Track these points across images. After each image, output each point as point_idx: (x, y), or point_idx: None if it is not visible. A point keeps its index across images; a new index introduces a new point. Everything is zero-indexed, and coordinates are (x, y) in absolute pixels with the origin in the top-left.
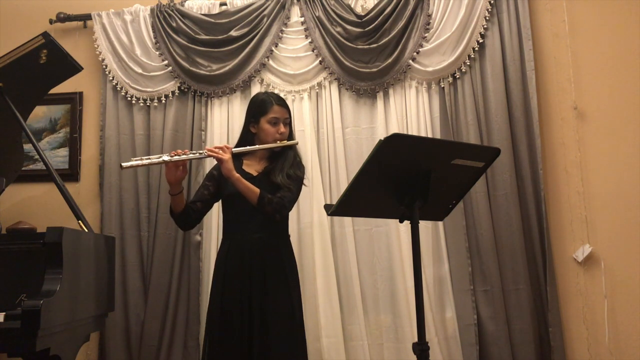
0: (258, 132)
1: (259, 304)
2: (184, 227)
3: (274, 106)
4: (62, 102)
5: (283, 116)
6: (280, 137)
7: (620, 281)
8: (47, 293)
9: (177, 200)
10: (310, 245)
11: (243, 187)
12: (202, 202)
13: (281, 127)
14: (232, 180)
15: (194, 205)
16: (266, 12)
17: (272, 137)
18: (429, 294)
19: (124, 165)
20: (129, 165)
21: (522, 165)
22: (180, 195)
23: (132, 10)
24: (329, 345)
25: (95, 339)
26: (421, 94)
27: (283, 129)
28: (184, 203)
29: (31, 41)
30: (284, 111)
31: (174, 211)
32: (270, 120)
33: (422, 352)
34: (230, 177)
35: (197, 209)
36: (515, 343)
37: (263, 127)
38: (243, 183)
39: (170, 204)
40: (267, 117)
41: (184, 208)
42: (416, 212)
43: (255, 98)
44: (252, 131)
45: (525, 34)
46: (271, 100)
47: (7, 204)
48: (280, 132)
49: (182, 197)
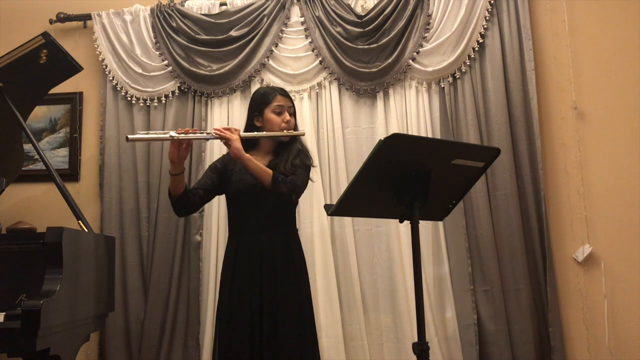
0: (263, 124)
1: (270, 301)
2: (181, 211)
3: (277, 95)
4: (62, 102)
5: (287, 104)
6: (286, 125)
7: (620, 281)
8: (47, 293)
9: (178, 181)
10: (310, 245)
11: (255, 166)
12: (204, 190)
13: (286, 115)
14: (243, 161)
15: (196, 192)
16: (266, 12)
17: (278, 126)
18: (429, 294)
19: (129, 137)
20: (134, 138)
21: (522, 165)
22: (181, 175)
23: (132, 10)
24: (329, 345)
25: (95, 339)
26: (421, 94)
27: (289, 117)
28: (184, 186)
29: (31, 41)
30: (287, 100)
31: (173, 193)
32: (275, 109)
33: (422, 352)
34: (240, 158)
35: (198, 195)
36: (515, 343)
37: (268, 118)
38: (254, 163)
39: (170, 185)
40: (272, 106)
41: (183, 191)
42: (416, 212)
43: (257, 92)
44: (257, 124)
45: (525, 34)
46: (273, 91)
47: (7, 204)
48: (286, 121)
49: (182, 179)
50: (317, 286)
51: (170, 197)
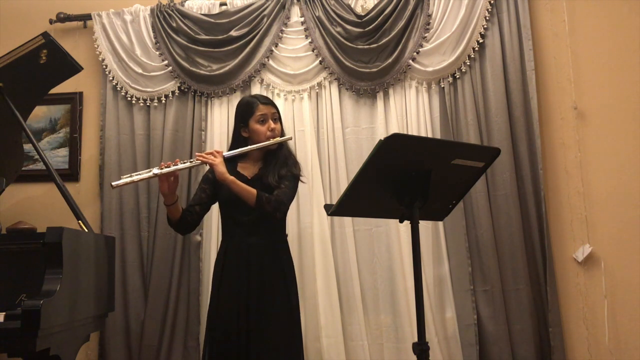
0: (250, 134)
1: (257, 305)
2: (184, 232)
3: (259, 105)
4: (62, 102)
5: (270, 111)
6: (271, 134)
7: (620, 281)
8: (47, 293)
9: (173, 210)
10: (310, 246)
11: (238, 189)
12: (200, 206)
13: (270, 123)
14: (227, 183)
15: (192, 209)
16: (266, 12)
17: (263, 135)
18: (429, 294)
19: (114, 184)
20: (120, 184)
21: (522, 165)
22: (176, 204)
23: (132, 10)
24: (329, 345)
25: (95, 339)
26: (421, 94)
27: (273, 124)
28: (180, 211)
29: (31, 41)
30: (270, 107)
31: (172, 220)
32: (258, 119)
33: (422, 352)
34: (224, 181)
35: (195, 212)
36: (515, 343)
37: (253, 128)
38: (238, 185)
39: (167, 214)
40: (255, 116)
41: (181, 215)
42: (416, 212)
43: (240, 103)
44: (244, 135)
45: (525, 34)
46: (255, 101)
47: (7, 204)
48: (270, 129)
49: (177, 206)
50: (317, 286)
51: (170, 224)
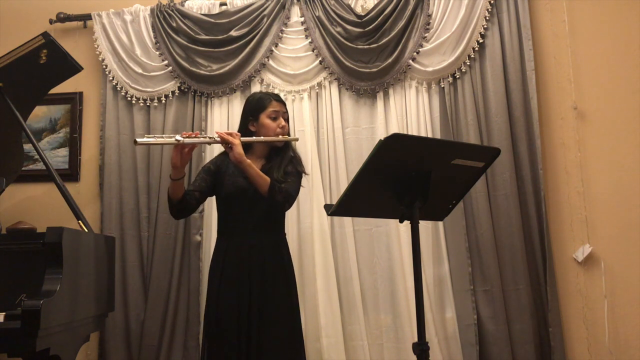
0: (258, 129)
1: (258, 305)
2: (179, 214)
3: (273, 101)
4: (62, 102)
5: (282, 110)
6: (281, 131)
7: (620, 281)
8: (47, 293)
9: (178, 186)
10: (310, 246)
11: (254, 172)
12: (200, 192)
13: (282, 121)
14: (244, 166)
15: (192, 194)
16: (266, 12)
17: (273, 131)
18: (429, 294)
19: (138, 141)
20: (142, 142)
21: (522, 165)
22: (181, 181)
23: (132, 10)
24: (329, 345)
25: (95, 339)
26: (421, 94)
27: (284, 122)
28: (183, 190)
29: (31, 41)
30: (282, 106)
31: (173, 197)
32: (270, 114)
33: (422, 352)
34: (241, 162)
35: (194, 197)
36: (515, 343)
37: (263, 123)
38: (254, 169)
39: (169, 189)
40: (267, 112)
41: (182, 195)
42: (416, 212)
43: (252, 97)
44: (252, 129)
45: (525, 34)
46: (269, 97)
47: (7, 204)
48: (281, 126)
49: (183, 183)
50: (317, 286)
51: (169, 201)
